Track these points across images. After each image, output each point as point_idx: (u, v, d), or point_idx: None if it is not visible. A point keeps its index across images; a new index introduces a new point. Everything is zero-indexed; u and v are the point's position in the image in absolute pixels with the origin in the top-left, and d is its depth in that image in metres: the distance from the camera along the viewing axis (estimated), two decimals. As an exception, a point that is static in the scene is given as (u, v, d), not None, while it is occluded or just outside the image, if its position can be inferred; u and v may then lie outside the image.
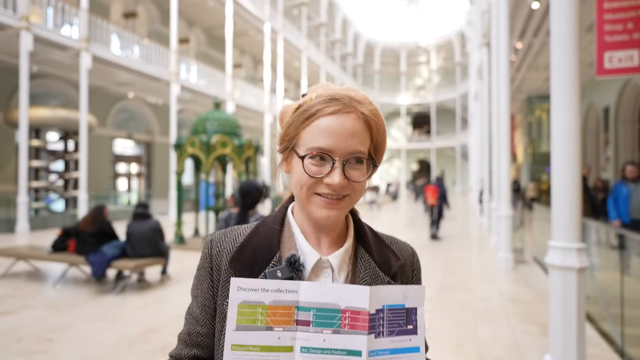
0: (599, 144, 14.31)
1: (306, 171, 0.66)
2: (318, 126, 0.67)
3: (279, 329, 0.58)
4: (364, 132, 0.68)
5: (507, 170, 6.74)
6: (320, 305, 0.59)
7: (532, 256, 7.45)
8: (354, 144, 0.66)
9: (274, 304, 0.59)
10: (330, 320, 0.59)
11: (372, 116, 0.70)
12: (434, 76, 37.49)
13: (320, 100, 0.68)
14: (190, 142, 7.80)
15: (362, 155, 0.67)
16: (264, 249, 0.70)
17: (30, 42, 9.28)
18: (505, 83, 6.81)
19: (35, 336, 3.52)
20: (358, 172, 0.68)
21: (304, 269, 0.68)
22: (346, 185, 0.66)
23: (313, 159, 0.67)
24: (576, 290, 2.47)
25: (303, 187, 0.67)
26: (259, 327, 0.58)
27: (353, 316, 0.59)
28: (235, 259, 0.70)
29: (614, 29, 4.35)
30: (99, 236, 5.22)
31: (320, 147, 0.66)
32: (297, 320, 0.59)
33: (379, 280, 0.71)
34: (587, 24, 8.48)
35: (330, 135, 0.66)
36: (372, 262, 0.72)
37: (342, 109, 0.67)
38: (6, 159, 11.67)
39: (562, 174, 2.56)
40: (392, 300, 0.61)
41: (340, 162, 0.66)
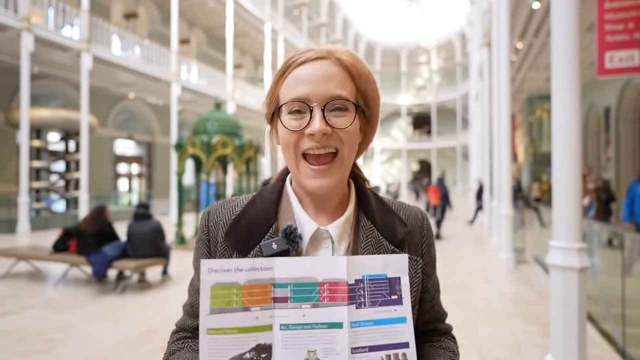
0: (599, 144, 14.29)
1: (286, 126, 0.62)
2: (291, 78, 0.63)
3: (256, 308, 0.56)
4: (342, 76, 0.63)
5: (508, 171, 6.73)
6: (297, 280, 0.57)
7: (533, 256, 7.45)
8: (331, 88, 0.61)
9: (249, 284, 0.56)
10: (308, 294, 0.57)
11: (349, 59, 0.64)
12: (435, 76, 37.47)
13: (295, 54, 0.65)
14: (191, 143, 7.81)
15: (342, 100, 0.62)
16: (261, 220, 0.67)
17: (31, 42, 9.29)
18: (506, 83, 6.80)
19: (36, 336, 3.52)
20: (342, 120, 0.62)
21: (301, 240, 0.65)
22: (330, 134, 0.61)
23: (292, 114, 0.62)
24: (577, 290, 2.46)
25: (289, 148, 0.63)
26: (235, 308, 0.55)
27: (331, 288, 0.57)
28: (230, 232, 0.66)
29: (614, 29, 4.34)
30: (99, 236, 5.22)
31: (295, 98, 0.61)
32: (274, 297, 0.56)
33: (382, 250, 0.66)
34: (588, 24, 8.47)
35: (304, 83, 0.61)
36: (374, 230, 0.67)
37: (314, 55, 0.63)
38: (7, 160, 11.69)
39: (563, 174, 2.56)
40: (372, 270, 0.59)
41: (318, 108, 0.61)
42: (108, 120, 14.89)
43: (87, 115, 10.75)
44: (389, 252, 0.67)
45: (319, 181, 0.62)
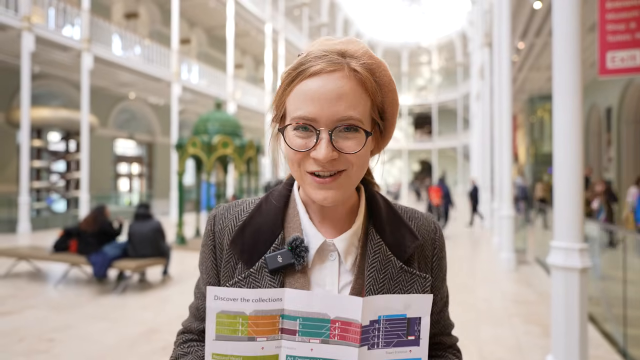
0: (601, 144, 14.27)
1: (289, 145, 0.59)
2: (300, 91, 0.58)
3: (262, 338, 0.54)
4: (355, 94, 0.57)
5: (509, 171, 6.72)
6: (307, 315, 0.55)
7: (534, 257, 7.43)
8: (341, 110, 0.56)
9: (256, 314, 0.54)
10: (318, 330, 0.54)
11: (365, 72, 0.59)
12: (436, 76, 37.46)
13: (305, 60, 0.59)
14: (191, 143, 7.81)
15: (353, 122, 0.57)
16: (266, 229, 0.64)
17: (32, 42, 9.30)
18: (507, 83, 6.79)
19: (37, 336, 3.52)
20: (352, 142, 0.58)
21: (307, 253, 0.62)
22: (337, 158, 0.57)
23: (297, 130, 0.58)
24: (578, 290, 2.46)
25: (294, 165, 0.60)
26: (240, 337, 0.54)
27: (343, 327, 0.54)
28: (236, 240, 0.65)
29: (616, 29, 4.33)
30: (100, 236, 5.22)
31: (301, 117, 0.57)
32: (282, 328, 0.55)
33: (389, 266, 0.63)
34: (590, 24, 8.46)
35: (312, 100, 0.56)
36: (382, 245, 0.64)
37: (325, 67, 0.57)
38: (8, 160, 11.69)
39: (564, 175, 2.55)
40: (390, 311, 0.56)
41: (325, 133, 0.56)
42: (109, 120, 14.89)
43: (87, 115, 10.75)
44: (396, 269, 0.63)
45: (324, 193, 0.59)
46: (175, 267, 6.11)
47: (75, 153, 12.59)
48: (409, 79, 37.70)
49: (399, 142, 36.97)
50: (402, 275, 0.64)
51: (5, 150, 11.63)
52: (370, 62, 0.60)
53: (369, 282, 0.62)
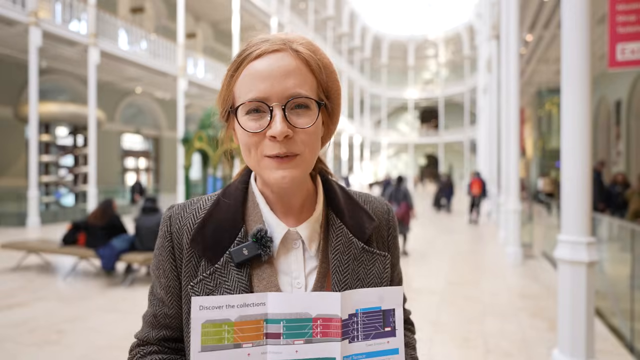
0: (610, 138, 14.10)
1: (245, 129, 0.58)
2: (247, 74, 0.59)
3: (248, 345, 0.55)
4: (301, 71, 0.59)
5: (516, 165, 6.68)
6: (290, 316, 0.56)
7: (540, 251, 7.40)
8: (291, 86, 0.57)
9: (241, 320, 0.55)
10: (301, 330, 0.56)
11: (308, 52, 0.60)
12: (442, 70, 37.16)
13: (248, 46, 0.60)
14: (197, 137, 7.83)
15: (304, 98, 0.58)
16: (227, 224, 0.64)
17: (39, 37, 9.35)
18: (515, 76, 6.72)
19: (47, 327, 3.58)
20: (304, 119, 0.58)
21: (272, 244, 0.63)
22: (292, 136, 0.58)
23: (249, 114, 0.58)
24: (585, 284, 2.44)
25: (250, 150, 0.60)
26: (226, 345, 0.54)
27: (325, 324, 0.56)
28: (196, 239, 0.63)
29: (626, 20, 4.26)
30: (108, 230, 5.28)
31: (252, 98, 0.57)
32: (266, 333, 0.55)
33: (352, 247, 0.65)
34: (599, 15, 8.33)
35: (261, 79, 0.57)
36: (344, 228, 0.66)
37: (269, 48, 0.58)
38: (17, 154, 11.82)
39: (572, 168, 2.53)
40: (366, 304, 0.58)
41: (278, 108, 0.57)
42: (116, 114, 14.98)
43: (94, 109, 10.82)
44: (358, 249, 0.65)
45: (281, 172, 0.59)
46: (182, 261, 6.16)
47: (83, 147, 12.69)
48: (416, 72, 37.44)
49: (405, 136, 36.82)
50: (365, 255, 0.66)
51: (14, 145, 11.75)
52: (310, 45, 0.62)
53: (334, 264, 0.63)
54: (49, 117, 11.43)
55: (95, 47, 10.72)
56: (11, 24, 9.20)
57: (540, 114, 19.54)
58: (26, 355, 3.05)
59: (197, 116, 17.98)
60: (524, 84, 15.94)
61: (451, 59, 36.99)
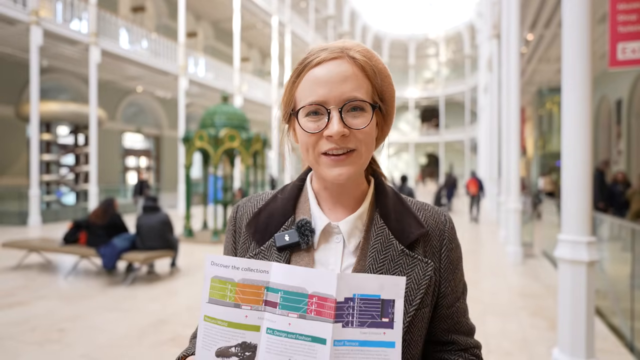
0: (611, 137, 14.08)
1: (304, 129, 0.64)
2: (308, 80, 0.64)
3: (247, 307, 0.58)
4: (358, 77, 0.64)
5: (516, 164, 6.67)
6: (288, 288, 0.58)
7: (541, 250, 7.40)
8: (348, 90, 0.62)
9: (243, 282, 0.58)
10: (296, 304, 0.57)
11: (364, 58, 0.65)
12: (443, 69, 37.13)
13: (309, 54, 0.66)
14: (198, 136, 7.84)
15: (359, 101, 0.63)
16: (279, 213, 0.71)
17: (40, 36, 9.36)
18: (516, 75, 6.72)
19: (48, 326, 3.59)
20: (359, 120, 0.63)
21: (313, 234, 0.67)
22: (348, 135, 0.62)
23: (309, 116, 0.64)
24: (585, 284, 2.45)
25: (308, 149, 0.65)
26: (227, 302, 0.58)
27: (320, 302, 0.57)
28: (251, 223, 0.72)
29: (627, 19, 4.26)
30: (109, 229, 5.29)
31: (312, 102, 0.62)
32: (265, 300, 0.58)
33: (390, 249, 0.66)
34: (600, 15, 8.32)
35: (320, 85, 0.62)
36: (385, 229, 0.67)
37: (328, 56, 0.64)
38: (18, 153, 11.84)
39: (573, 167, 2.53)
40: (365, 290, 0.58)
41: (335, 111, 0.62)
42: (117, 113, 14.99)
43: (95, 108, 10.83)
44: (397, 252, 0.66)
45: (338, 170, 0.63)
46: (183, 260, 6.17)
47: (84, 146, 12.70)
48: (416, 71, 37.41)
49: (406, 135, 36.80)
50: (403, 259, 0.66)
51: (15, 144, 11.77)
52: (365, 52, 0.67)
53: (370, 262, 0.65)
54: (50, 116, 11.44)
55: (96, 46, 10.73)
56: (12, 23, 9.21)
57: (541, 113, 19.52)
58: (27, 353, 3.06)
59: (198, 115, 18.00)
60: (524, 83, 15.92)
61: (452, 58, 36.95)
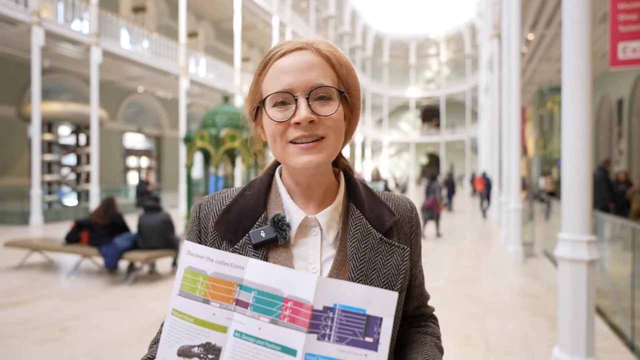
0: (612, 137, 14.07)
1: (272, 118, 0.63)
2: (273, 71, 0.64)
3: (216, 304, 0.53)
4: (323, 66, 0.64)
5: (517, 164, 6.68)
6: (263, 288, 0.52)
7: (542, 250, 7.40)
8: (313, 77, 0.62)
9: (215, 276, 0.54)
10: (269, 307, 0.52)
11: (328, 49, 0.66)
12: (444, 69, 37.12)
13: (274, 48, 0.66)
14: (199, 136, 7.85)
15: (326, 87, 0.62)
16: (250, 210, 0.68)
17: (42, 37, 9.38)
18: (516, 75, 6.72)
19: (51, 325, 3.60)
20: (327, 107, 0.63)
21: (290, 229, 0.65)
22: (317, 122, 0.61)
23: (276, 107, 0.63)
24: (586, 282, 2.45)
25: (276, 139, 0.63)
26: (196, 296, 0.54)
27: (295, 308, 0.51)
28: (220, 221, 0.68)
29: (628, 19, 4.26)
30: (110, 228, 5.30)
31: (278, 91, 0.62)
32: (237, 299, 0.53)
33: (370, 237, 0.66)
34: (601, 14, 8.31)
35: (286, 73, 0.62)
36: (363, 219, 0.68)
37: (293, 47, 0.64)
38: (20, 153, 11.87)
39: (573, 167, 2.53)
40: (349, 301, 0.51)
41: (302, 97, 0.61)
42: (118, 113, 15.02)
43: (97, 108, 10.85)
44: (376, 240, 0.66)
45: (307, 157, 0.62)
46: (184, 259, 6.18)
47: (85, 146, 12.72)
48: (417, 71, 37.39)
49: (407, 135, 36.78)
50: (383, 246, 0.67)
51: (17, 144, 11.80)
52: (330, 45, 0.67)
53: (352, 251, 0.65)
54: (52, 116, 11.46)
55: (98, 47, 10.75)
56: (14, 23, 9.23)
57: (541, 113, 19.51)
58: (30, 352, 3.07)
59: (198, 115, 18.01)
60: (525, 83, 15.91)
61: (453, 57, 36.94)
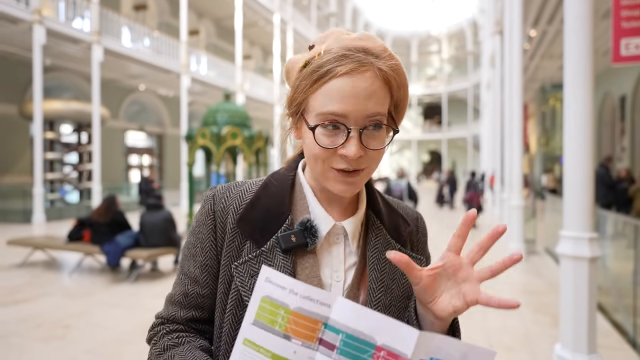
0: (614, 133, 14.01)
1: (318, 142, 0.58)
2: (328, 90, 0.58)
3: (297, 341, 0.49)
4: (382, 92, 0.59)
5: (519, 161, 6.66)
6: (353, 332, 0.49)
7: (544, 247, 7.39)
8: (372, 107, 0.58)
9: (299, 312, 0.50)
10: (359, 353, 0.48)
11: (391, 72, 0.60)
12: (446, 66, 37.00)
13: (329, 59, 0.58)
14: (201, 134, 7.85)
15: (381, 119, 0.59)
16: (275, 209, 0.64)
17: (43, 35, 9.39)
18: (518, 72, 6.70)
19: (53, 322, 3.62)
20: (377, 141, 0.60)
21: (319, 235, 0.63)
22: (363, 155, 0.59)
23: (325, 129, 0.58)
24: (587, 279, 2.45)
25: (317, 161, 0.60)
26: (276, 330, 0.50)
27: (388, 358, 0.48)
28: (243, 219, 0.64)
29: (631, 15, 4.23)
30: (112, 226, 5.32)
31: (332, 112, 0.57)
32: (320, 339, 0.49)
33: (390, 248, 0.67)
34: (603, 11, 8.27)
35: (344, 99, 0.57)
36: (383, 229, 0.68)
37: (356, 67, 0.57)
38: (22, 151, 11.90)
39: (575, 164, 2.52)
40: (446, 356, 0.49)
41: (356, 131, 0.57)
42: (119, 112, 15.03)
43: (98, 107, 10.86)
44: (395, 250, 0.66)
45: (346, 186, 0.61)
46: (186, 257, 6.19)
47: (87, 145, 12.74)
48: (419, 68, 37.30)
49: (409, 133, 36.72)
50: None
51: (19, 143, 11.83)
52: (392, 64, 0.61)
53: (372, 261, 0.65)
54: (53, 114, 11.48)
55: (99, 45, 10.75)
56: (15, 22, 9.24)
57: (544, 110, 19.44)
58: (32, 350, 3.09)
59: (200, 113, 18.02)
60: (527, 80, 15.85)
61: (454, 54, 36.81)
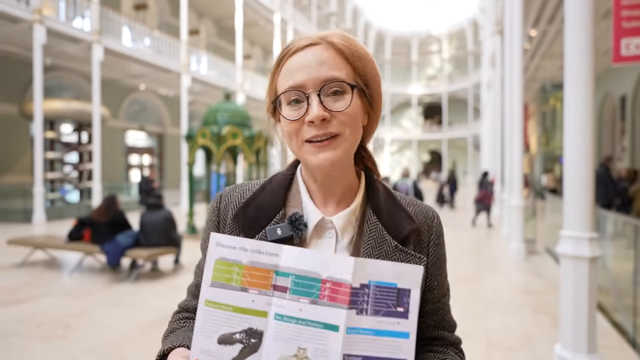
0: (614, 133, 14.01)
1: (285, 117, 0.63)
2: (286, 68, 0.63)
3: (254, 291, 0.55)
4: (335, 59, 0.62)
5: (520, 161, 6.66)
6: (300, 272, 0.55)
7: (544, 247, 7.39)
8: (324, 71, 0.61)
9: (252, 265, 0.56)
10: (308, 289, 0.55)
11: (342, 41, 0.64)
12: (446, 65, 36.98)
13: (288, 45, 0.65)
14: (201, 134, 7.86)
15: (337, 82, 0.61)
16: (269, 206, 0.68)
17: (44, 35, 9.39)
18: (519, 72, 6.69)
19: (54, 322, 3.62)
20: (341, 103, 0.61)
21: (306, 229, 0.65)
22: (330, 119, 0.60)
23: (290, 105, 0.63)
24: (587, 279, 2.45)
25: (292, 138, 0.64)
26: (233, 286, 0.56)
27: (334, 287, 0.55)
28: (238, 214, 0.68)
29: (631, 15, 4.23)
30: (112, 226, 5.32)
31: (290, 86, 0.62)
32: (274, 285, 0.55)
33: (384, 244, 0.65)
34: (604, 10, 8.26)
35: (297, 70, 0.61)
36: (379, 225, 0.66)
37: (305, 43, 0.63)
38: (22, 151, 11.90)
39: (575, 164, 2.52)
40: (381, 277, 0.56)
41: (314, 94, 0.60)
42: (120, 111, 15.04)
43: (99, 106, 10.87)
44: (391, 247, 0.65)
45: (323, 155, 0.61)
46: (187, 256, 6.19)
47: (87, 144, 12.74)
48: (419, 68, 37.28)
49: (409, 132, 36.71)
50: (397, 254, 0.65)
51: (19, 142, 11.83)
52: (345, 36, 0.65)
53: (363, 257, 0.64)
54: (54, 114, 11.48)
55: (99, 44, 10.76)
56: (15, 21, 9.24)
57: (544, 110, 19.44)
58: (33, 349, 3.09)
59: (200, 113, 18.02)
60: (528, 80, 15.84)
61: (455, 54, 36.79)
